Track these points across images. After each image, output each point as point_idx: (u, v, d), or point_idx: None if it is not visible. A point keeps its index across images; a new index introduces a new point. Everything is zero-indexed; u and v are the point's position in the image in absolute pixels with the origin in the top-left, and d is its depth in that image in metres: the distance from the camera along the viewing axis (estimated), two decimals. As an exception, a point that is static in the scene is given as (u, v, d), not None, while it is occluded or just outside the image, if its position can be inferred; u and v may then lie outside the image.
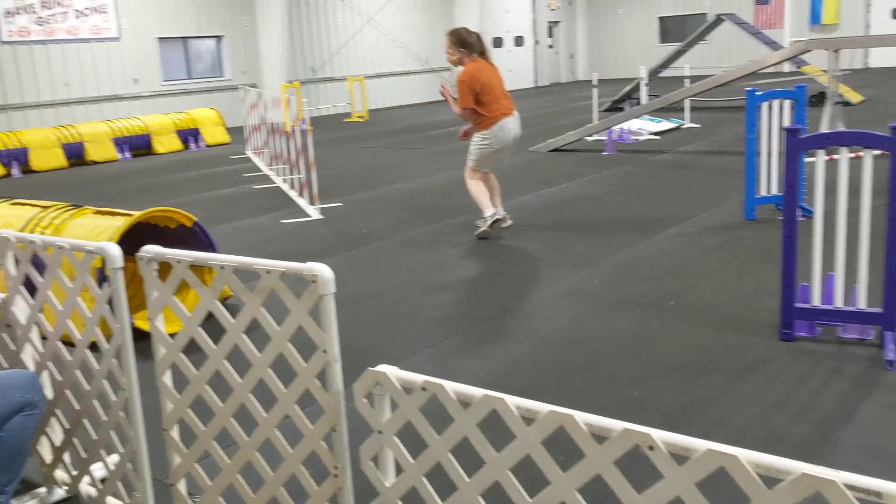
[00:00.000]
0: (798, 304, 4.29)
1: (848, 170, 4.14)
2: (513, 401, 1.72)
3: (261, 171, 12.20)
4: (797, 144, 4.13)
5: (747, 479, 1.38)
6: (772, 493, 1.36)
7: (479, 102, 6.78)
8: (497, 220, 7.05)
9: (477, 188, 7.09)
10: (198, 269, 3.62)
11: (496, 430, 2.00)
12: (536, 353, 4.43)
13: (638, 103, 15.74)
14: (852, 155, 4.19)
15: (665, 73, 19.95)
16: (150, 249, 2.50)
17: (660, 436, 1.49)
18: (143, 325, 4.39)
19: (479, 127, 6.91)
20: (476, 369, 4.27)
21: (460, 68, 6.88)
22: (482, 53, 6.88)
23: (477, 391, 1.79)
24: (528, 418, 1.70)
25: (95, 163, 14.82)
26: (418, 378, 1.89)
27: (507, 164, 11.23)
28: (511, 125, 6.96)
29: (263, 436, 2.34)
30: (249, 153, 14.38)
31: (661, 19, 31.03)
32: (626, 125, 12.91)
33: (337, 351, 2.13)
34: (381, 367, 1.95)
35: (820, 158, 4.21)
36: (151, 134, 15.80)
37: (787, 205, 4.22)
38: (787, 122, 6.83)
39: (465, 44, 6.82)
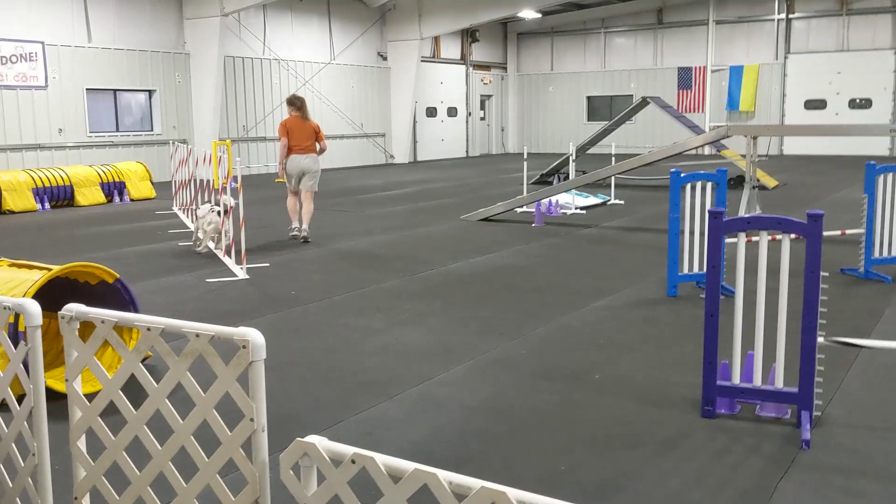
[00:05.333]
0: (719, 382, 4.39)
1: (767, 252, 4.31)
2: (445, 476, 1.70)
3: (187, 228, 11.99)
4: (720, 227, 4.29)
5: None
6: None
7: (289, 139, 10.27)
8: (295, 234, 10.64)
9: (288, 203, 10.73)
10: (118, 327, 3.50)
11: (425, 505, 1.97)
12: (461, 423, 4.40)
13: (566, 178, 16.17)
14: (771, 238, 4.37)
15: (592, 150, 20.58)
16: (73, 308, 2.41)
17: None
18: (54, 384, 4.21)
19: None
20: (399, 439, 4.21)
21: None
22: (300, 110, 10.30)
23: (408, 465, 1.76)
24: (460, 494, 1.68)
25: (12, 212, 14.33)
26: (348, 450, 1.85)
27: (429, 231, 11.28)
28: (298, 159, 10.28)
29: (181, 506, 2.25)
30: (176, 209, 14.13)
31: (589, 98, 32.18)
32: (554, 198, 13.21)
33: (264, 420, 2.08)
34: (310, 438, 1.90)
35: (741, 241, 4.37)
36: (74, 185, 15.40)
37: (709, 284, 4.35)
38: (708, 204, 7.09)
39: (290, 104, 10.39)
